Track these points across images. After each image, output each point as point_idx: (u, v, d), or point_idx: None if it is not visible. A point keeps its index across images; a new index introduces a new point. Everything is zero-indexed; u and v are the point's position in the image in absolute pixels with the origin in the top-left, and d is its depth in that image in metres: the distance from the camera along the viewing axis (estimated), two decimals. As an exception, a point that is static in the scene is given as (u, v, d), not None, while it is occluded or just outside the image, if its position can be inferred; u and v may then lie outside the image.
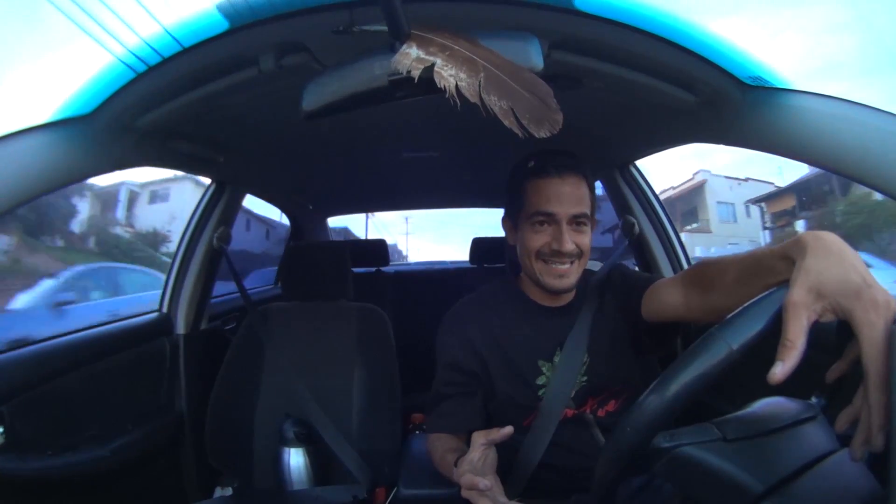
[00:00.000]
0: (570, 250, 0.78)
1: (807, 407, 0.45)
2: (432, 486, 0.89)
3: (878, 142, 0.56)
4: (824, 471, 0.40)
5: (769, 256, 0.51)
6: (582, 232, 0.81)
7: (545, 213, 0.79)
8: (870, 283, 0.40)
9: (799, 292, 0.41)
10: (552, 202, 0.79)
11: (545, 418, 0.80)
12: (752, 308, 0.43)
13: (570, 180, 0.80)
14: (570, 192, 0.79)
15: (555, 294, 0.85)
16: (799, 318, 0.40)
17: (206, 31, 0.65)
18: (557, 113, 0.52)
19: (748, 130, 0.73)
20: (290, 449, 1.06)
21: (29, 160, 0.66)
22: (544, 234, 0.80)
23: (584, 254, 0.81)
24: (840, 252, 0.42)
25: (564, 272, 0.80)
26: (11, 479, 0.79)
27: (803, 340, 0.39)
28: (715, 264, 0.65)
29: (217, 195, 1.29)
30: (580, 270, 0.83)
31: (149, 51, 0.67)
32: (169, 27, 0.65)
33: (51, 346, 0.94)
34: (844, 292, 0.40)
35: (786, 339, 0.40)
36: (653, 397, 0.43)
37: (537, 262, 0.82)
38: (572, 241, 0.79)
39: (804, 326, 0.40)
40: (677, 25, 0.66)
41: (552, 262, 0.80)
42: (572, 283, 0.82)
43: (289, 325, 1.25)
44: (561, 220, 0.79)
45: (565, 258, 0.79)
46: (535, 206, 0.80)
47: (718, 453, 0.40)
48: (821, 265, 0.42)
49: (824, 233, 0.45)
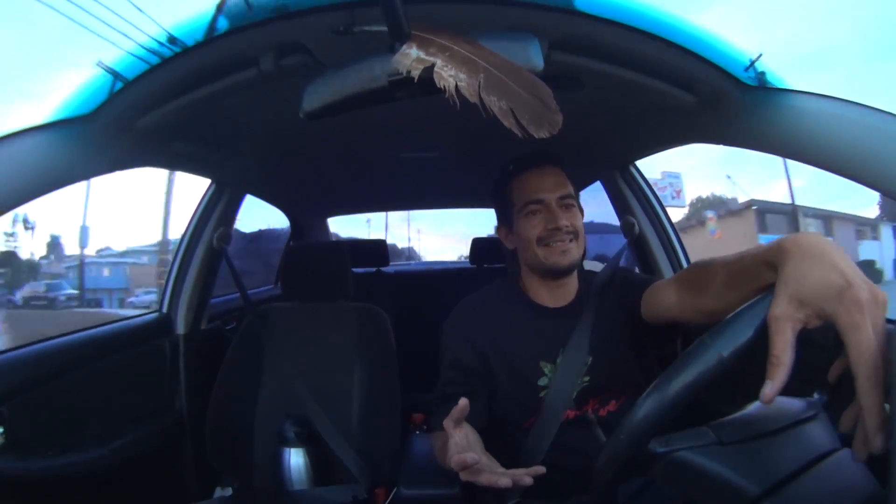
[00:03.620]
0: (565, 225, 0.84)
1: (807, 406, 0.45)
2: (432, 487, 0.89)
3: (878, 142, 0.56)
4: (824, 471, 0.40)
5: (754, 262, 0.51)
6: (571, 212, 0.86)
7: (535, 201, 0.86)
8: (852, 281, 0.39)
9: (780, 305, 0.41)
10: (539, 190, 0.86)
11: (547, 419, 0.81)
12: (739, 316, 0.43)
13: (549, 170, 0.88)
14: (551, 179, 0.87)
15: (556, 276, 0.88)
16: (783, 332, 0.40)
17: (205, 31, 0.65)
18: (557, 113, 0.52)
19: (748, 130, 0.73)
20: (290, 449, 1.06)
21: (28, 160, 0.66)
22: (539, 219, 0.85)
23: (579, 233, 0.86)
24: (820, 254, 0.42)
25: (566, 248, 0.85)
26: (11, 479, 0.79)
27: (790, 354, 0.39)
28: (706, 267, 0.66)
29: (217, 196, 1.29)
30: (580, 250, 0.87)
31: (149, 51, 0.67)
32: (169, 27, 0.65)
33: (51, 346, 0.94)
34: (825, 296, 0.39)
35: (772, 355, 0.40)
36: (647, 404, 0.43)
37: (539, 248, 0.85)
38: (565, 218, 0.84)
39: (790, 340, 0.39)
40: (677, 25, 0.66)
41: (553, 242, 0.84)
42: (575, 261, 0.86)
43: (289, 325, 1.25)
44: (550, 202, 0.85)
45: (564, 235, 0.84)
46: (524, 199, 0.87)
47: (714, 457, 0.40)
48: (799, 271, 0.41)
49: (805, 235, 0.45)
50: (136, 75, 0.69)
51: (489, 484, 0.56)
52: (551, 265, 0.85)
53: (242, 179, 1.35)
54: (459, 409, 0.62)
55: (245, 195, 1.42)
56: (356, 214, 2.64)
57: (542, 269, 0.87)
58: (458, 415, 0.63)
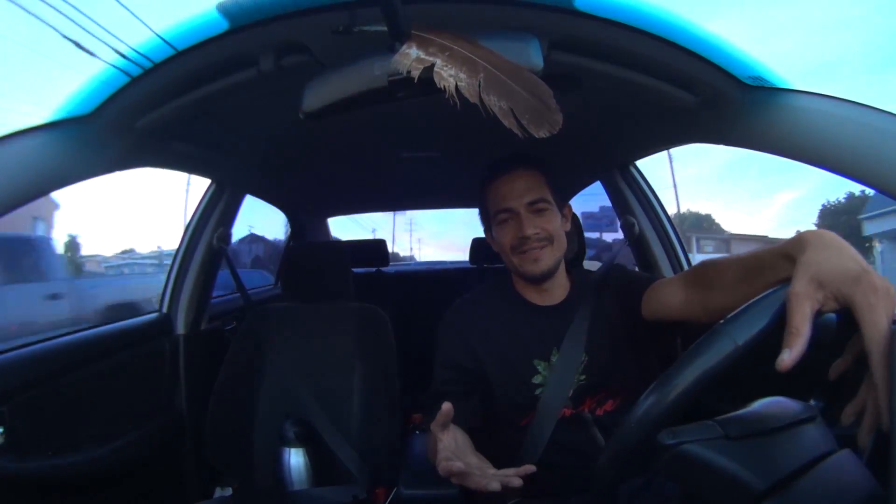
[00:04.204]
0: (532, 234, 0.83)
1: (807, 407, 0.45)
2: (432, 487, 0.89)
3: (878, 142, 0.56)
4: (825, 471, 0.40)
5: (770, 255, 0.52)
6: (543, 217, 0.85)
7: (504, 210, 0.85)
8: (868, 270, 0.41)
9: (800, 283, 0.42)
10: (507, 198, 0.85)
11: (543, 418, 0.81)
12: (756, 304, 0.43)
13: (520, 173, 0.86)
14: (521, 184, 0.85)
15: (535, 282, 0.88)
16: (802, 307, 0.41)
17: (205, 31, 0.65)
18: (557, 113, 0.52)
19: (748, 130, 0.73)
20: (290, 449, 1.06)
21: (28, 161, 0.66)
22: (510, 227, 0.85)
23: (554, 237, 0.85)
24: (839, 246, 0.44)
25: (537, 256, 0.84)
26: (12, 479, 0.79)
27: (808, 327, 0.40)
28: (716, 264, 0.66)
29: (217, 196, 1.29)
30: (556, 255, 0.86)
31: (149, 51, 0.66)
32: (169, 27, 0.65)
33: (51, 346, 0.94)
34: (844, 279, 0.41)
35: (791, 326, 0.41)
36: (657, 393, 0.43)
37: (514, 255, 0.85)
38: (535, 225, 0.83)
39: (808, 315, 0.41)
40: (677, 25, 0.66)
41: (524, 250, 0.84)
42: (549, 267, 0.85)
43: (289, 325, 1.25)
44: (518, 210, 0.84)
45: (533, 242, 0.83)
46: (495, 207, 0.87)
47: (721, 451, 0.40)
48: (820, 257, 0.43)
49: (824, 231, 0.47)
50: (136, 75, 0.69)
51: (478, 488, 0.55)
52: (524, 273, 0.85)
53: (242, 179, 1.35)
54: (444, 414, 0.61)
55: (245, 195, 1.42)
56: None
57: (520, 276, 0.89)
58: (444, 419, 0.61)
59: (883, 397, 0.37)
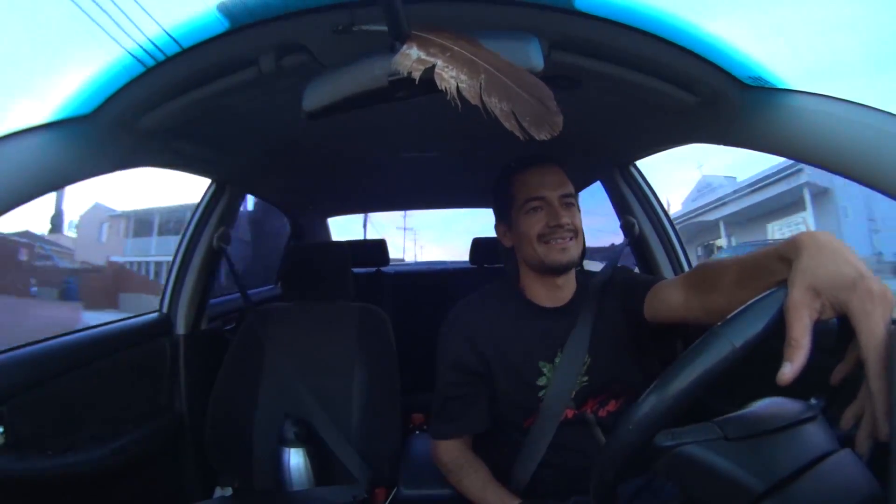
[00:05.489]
0: (566, 223, 0.84)
1: (807, 407, 0.45)
2: (432, 487, 0.89)
3: (878, 142, 0.56)
4: (824, 471, 0.40)
5: (767, 258, 0.52)
6: (571, 211, 0.86)
7: (537, 198, 0.86)
8: (865, 274, 0.41)
9: (798, 293, 0.42)
10: (541, 187, 0.86)
11: (546, 419, 0.81)
12: (753, 307, 0.43)
13: (551, 168, 0.88)
14: (553, 177, 0.87)
15: (556, 272, 0.87)
16: (801, 318, 0.41)
17: (206, 31, 0.65)
18: (558, 115, 0.52)
19: (748, 131, 0.73)
20: (290, 449, 1.05)
21: (29, 160, 0.66)
22: (540, 216, 0.85)
23: (579, 232, 0.87)
24: (834, 248, 0.43)
25: (566, 246, 0.85)
26: (12, 479, 0.79)
27: (808, 339, 0.40)
28: (715, 266, 0.66)
29: (217, 196, 1.29)
30: (579, 249, 0.87)
31: (149, 51, 0.66)
32: (169, 27, 0.65)
33: (51, 346, 0.94)
34: (840, 285, 0.41)
35: (791, 338, 0.40)
36: (655, 395, 0.43)
37: (539, 245, 0.85)
38: (566, 217, 0.84)
39: (807, 325, 0.40)
40: (677, 25, 0.66)
41: (553, 239, 0.84)
42: (574, 258, 0.86)
43: (289, 325, 1.25)
44: (552, 199, 0.85)
45: (565, 232, 0.84)
46: (526, 195, 0.87)
47: (720, 452, 0.40)
48: (815, 262, 0.43)
49: (819, 232, 0.46)
50: (137, 75, 0.69)
51: None
52: (550, 262, 0.85)
53: (242, 179, 1.35)
54: None
55: (245, 195, 1.42)
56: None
57: (540, 267, 0.87)
58: None
59: (880, 407, 0.37)
